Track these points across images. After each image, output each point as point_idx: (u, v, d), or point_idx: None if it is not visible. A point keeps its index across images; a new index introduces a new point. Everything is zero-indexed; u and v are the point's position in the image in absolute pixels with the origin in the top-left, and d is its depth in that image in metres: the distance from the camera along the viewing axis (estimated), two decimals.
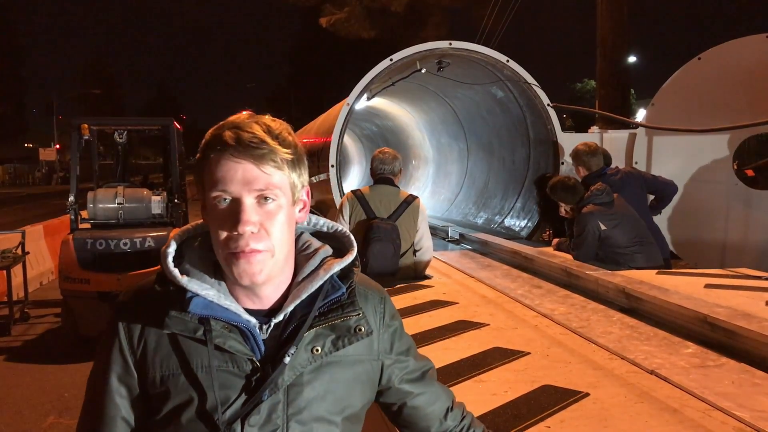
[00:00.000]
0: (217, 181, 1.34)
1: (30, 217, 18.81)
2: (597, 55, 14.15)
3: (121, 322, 1.42)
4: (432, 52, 8.03)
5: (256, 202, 1.34)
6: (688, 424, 2.35)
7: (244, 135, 1.33)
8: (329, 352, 1.43)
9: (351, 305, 1.46)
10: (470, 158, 11.44)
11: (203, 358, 1.36)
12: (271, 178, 1.35)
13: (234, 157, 1.33)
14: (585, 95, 42.06)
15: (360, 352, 1.50)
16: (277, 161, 1.35)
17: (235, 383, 1.36)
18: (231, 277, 1.37)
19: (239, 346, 1.36)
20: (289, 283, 1.46)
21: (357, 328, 1.46)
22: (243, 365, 1.37)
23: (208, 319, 1.36)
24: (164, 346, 1.39)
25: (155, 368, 1.38)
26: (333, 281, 1.46)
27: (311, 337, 1.41)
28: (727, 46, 7.43)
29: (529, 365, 3.03)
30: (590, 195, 5.59)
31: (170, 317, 1.36)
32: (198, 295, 1.35)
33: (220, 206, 1.35)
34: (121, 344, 1.41)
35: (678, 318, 3.63)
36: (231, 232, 1.33)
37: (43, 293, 10.60)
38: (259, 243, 1.34)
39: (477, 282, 5.17)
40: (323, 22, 31.91)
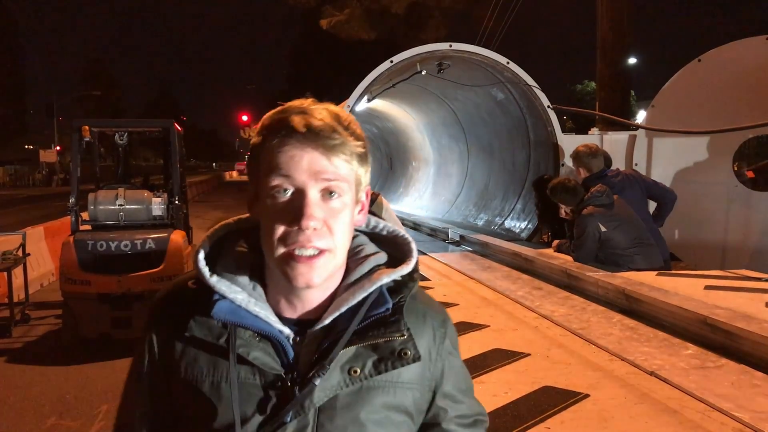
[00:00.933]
0: (278, 168, 1.19)
1: (31, 219, 18.82)
2: (597, 57, 14.14)
3: (153, 319, 1.32)
4: (432, 53, 8.05)
5: (320, 196, 1.20)
6: (688, 425, 2.36)
7: (315, 122, 1.19)
8: (370, 375, 1.24)
9: (394, 324, 1.26)
10: (471, 160, 11.45)
11: (227, 367, 1.22)
12: (339, 171, 1.20)
13: (301, 144, 1.18)
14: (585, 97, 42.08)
15: (409, 379, 1.29)
16: (347, 154, 1.21)
17: (258, 399, 1.21)
18: (284, 278, 1.21)
19: (265, 358, 1.21)
20: (336, 288, 1.29)
21: (402, 351, 1.26)
22: (269, 379, 1.22)
23: (234, 326, 1.22)
24: (190, 350, 1.26)
25: (180, 373, 1.26)
26: (382, 294, 1.26)
27: (350, 355, 1.24)
28: (727, 48, 7.45)
29: (530, 366, 3.04)
30: (590, 197, 5.60)
31: (195, 320, 1.24)
32: (225, 297, 1.22)
33: (279, 197, 1.20)
34: (152, 342, 1.31)
35: (678, 319, 3.64)
36: (291, 226, 1.18)
37: (44, 295, 10.59)
38: (320, 241, 1.19)
39: (477, 283, 5.17)
40: (323, 24, 31.96)
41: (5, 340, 8.14)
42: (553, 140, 8.15)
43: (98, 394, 6.25)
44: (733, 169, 7.75)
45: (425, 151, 13.84)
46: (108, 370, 6.98)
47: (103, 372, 6.91)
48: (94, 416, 5.77)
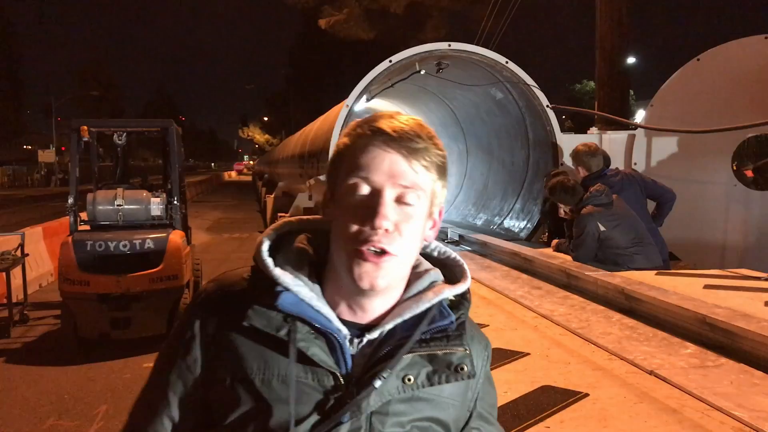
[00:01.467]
0: (359, 167, 1.21)
1: (29, 219, 18.82)
2: (596, 57, 14.15)
3: (198, 311, 1.28)
4: (431, 53, 8.05)
5: (396, 200, 1.21)
6: (687, 424, 2.36)
7: (401, 125, 1.23)
8: (422, 385, 1.25)
9: (458, 338, 1.29)
10: (469, 159, 11.46)
11: (281, 364, 1.20)
12: (418, 178, 1.22)
13: (385, 145, 1.21)
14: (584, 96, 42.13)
15: (452, 395, 1.31)
16: (428, 161, 1.24)
17: (312, 398, 1.20)
18: (348, 277, 1.21)
19: (324, 356, 1.20)
20: (396, 300, 1.29)
21: (459, 366, 1.27)
22: (324, 379, 1.21)
23: (294, 320, 1.21)
24: (240, 345, 1.23)
25: (225, 369, 1.23)
26: (442, 308, 1.29)
27: (406, 363, 1.24)
28: (726, 47, 7.45)
29: (529, 366, 3.04)
30: (589, 196, 5.60)
31: (254, 309, 1.21)
32: (289, 290, 1.21)
33: (355, 195, 1.21)
34: (194, 335, 1.26)
35: (677, 318, 3.64)
36: (363, 225, 1.19)
37: (43, 295, 10.60)
38: (390, 244, 1.19)
39: (476, 283, 5.17)
40: (322, 24, 31.96)
41: (4, 340, 8.14)
42: (552, 140, 8.15)
43: (97, 395, 6.26)
44: (733, 168, 7.76)
45: None
46: (107, 370, 6.98)
47: (101, 372, 6.91)
48: (93, 417, 5.77)
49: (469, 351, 1.30)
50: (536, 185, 8.71)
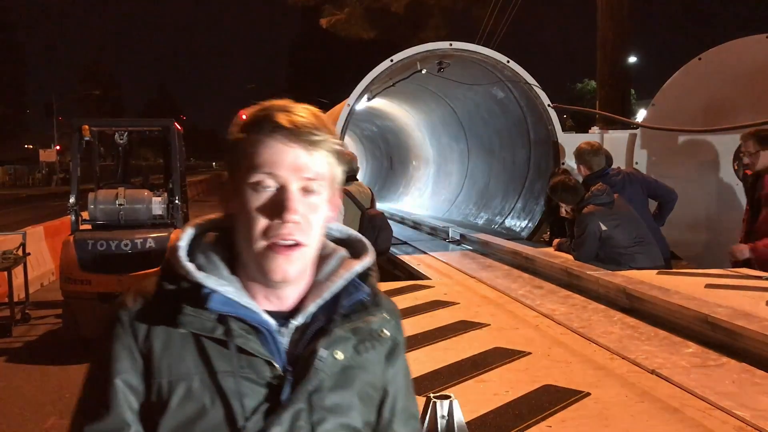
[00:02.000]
0: (261, 164, 1.23)
1: (30, 219, 18.82)
2: (597, 56, 14.16)
3: (125, 321, 1.27)
4: (432, 52, 8.05)
5: (301, 192, 1.25)
6: (689, 424, 2.36)
7: (298, 118, 1.24)
8: (351, 358, 1.32)
9: (375, 307, 1.37)
10: (471, 159, 11.45)
11: (220, 361, 1.23)
12: (320, 168, 1.27)
13: (286, 140, 1.23)
14: (585, 96, 42.04)
15: (379, 358, 1.39)
16: (327, 150, 1.27)
17: (255, 390, 1.24)
18: (260, 272, 1.26)
19: (260, 348, 1.24)
20: (309, 284, 1.35)
21: (380, 331, 1.37)
22: (262, 370, 1.24)
23: (226, 319, 1.23)
24: (174, 348, 1.24)
25: (162, 373, 1.23)
26: (356, 283, 1.36)
27: (333, 340, 1.30)
28: (728, 47, 7.44)
29: (530, 365, 3.04)
30: (591, 195, 5.60)
31: (185, 314, 1.22)
32: (216, 291, 1.23)
33: (261, 192, 1.24)
34: (129, 345, 1.26)
35: (679, 318, 3.64)
36: (273, 220, 1.23)
37: (44, 294, 10.60)
38: (300, 235, 1.24)
39: (478, 282, 5.17)
40: (323, 23, 31.91)
41: (5, 339, 8.14)
42: (553, 139, 8.15)
43: None
44: (734, 167, 7.74)
45: (425, 151, 13.84)
46: None
47: None
48: None
49: (387, 316, 1.39)
50: (537, 184, 8.71)
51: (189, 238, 1.33)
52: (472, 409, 2.40)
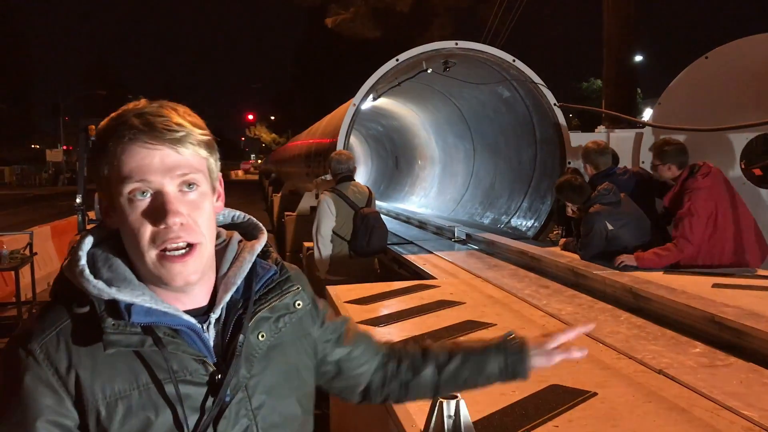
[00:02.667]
0: (130, 173, 1.18)
1: (37, 218, 18.88)
2: (603, 55, 14.13)
3: (38, 354, 1.17)
4: (438, 52, 8.04)
5: (179, 190, 1.21)
6: (697, 424, 2.35)
7: (156, 119, 1.19)
8: (274, 335, 1.35)
9: (287, 281, 1.40)
10: (476, 158, 11.44)
11: (155, 370, 1.20)
12: (192, 162, 1.23)
13: (149, 143, 1.18)
14: (591, 95, 41.96)
15: (298, 330, 1.42)
16: (195, 143, 1.23)
17: (195, 391, 1.23)
18: (159, 281, 1.23)
19: (190, 349, 1.23)
20: (214, 277, 1.34)
21: (295, 303, 1.40)
22: (197, 370, 1.24)
23: (150, 328, 1.20)
24: (103, 370, 1.18)
25: (96, 399, 1.17)
26: (260, 263, 1.37)
27: (254, 323, 1.32)
28: (735, 45, 7.40)
29: None
30: (597, 195, 5.58)
31: (108, 335, 1.16)
32: (134, 303, 1.19)
33: (137, 201, 1.19)
34: (48, 378, 1.17)
35: (686, 318, 3.63)
36: (157, 226, 1.19)
37: None
38: (189, 235, 1.21)
39: (484, 282, 5.17)
40: (329, 23, 31.97)
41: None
42: (559, 138, 8.13)
43: None
44: (741, 166, 7.71)
45: (431, 150, 13.83)
46: None
47: None
48: None
49: (299, 287, 1.42)
50: (543, 184, 8.69)
51: (86, 253, 1.27)
52: (478, 409, 2.40)
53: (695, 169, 5.21)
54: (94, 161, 1.26)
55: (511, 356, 1.65)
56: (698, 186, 5.06)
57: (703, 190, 5.04)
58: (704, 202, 5.01)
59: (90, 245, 1.29)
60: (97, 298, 1.20)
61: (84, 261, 1.24)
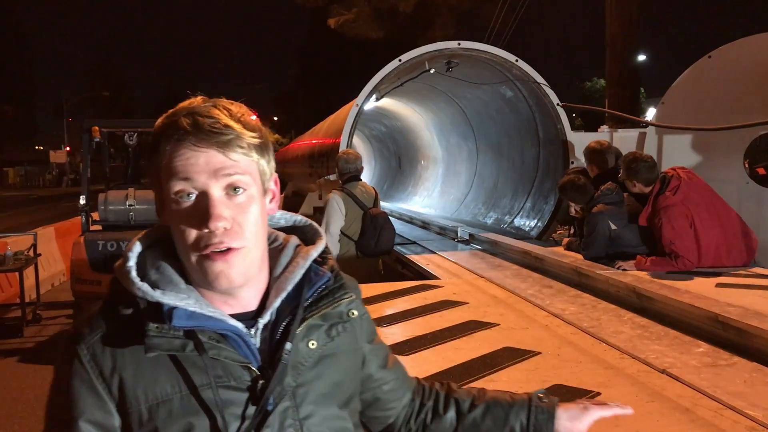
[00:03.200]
0: (176, 173, 1.17)
1: (41, 219, 18.93)
2: (606, 54, 14.12)
3: (83, 356, 1.20)
4: (441, 52, 8.05)
5: (225, 194, 1.19)
6: (700, 423, 2.35)
7: (205, 120, 1.17)
8: (325, 344, 1.32)
9: (341, 289, 1.35)
10: (479, 158, 11.44)
11: (197, 375, 1.19)
12: (240, 165, 1.19)
13: (195, 146, 1.17)
14: (594, 94, 41.92)
15: (350, 340, 1.39)
16: (244, 146, 1.20)
17: (238, 397, 1.21)
18: (204, 282, 1.21)
19: (234, 355, 1.21)
20: (267, 280, 1.31)
21: (349, 312, 1.36)
22: (241, 376, 1.22)
23: (194, 332, 1.19)
24: (146, 372, 1.19)
25: (139, 401, 1.18)
26: (314, 269, 1.32)
27: (304, 330, 1.28)
28: (738, 44, 7.40)
29: (540, 365, 3.03)
30: (600, 194, 5.58)
31: (150, 338, 1.16)
32: (177, 306, 1.18)
33: (183, 203, 1.19)
34: (91, 380, 1.19)
35: (689, 317, 3.63)
36: (200, 230, 1.17)
37: (55, 295, 10.65)
38: (233, 240, 1.18)
39: (487, 282, 5.17)
40: (331, 23, 31.97)
41: (17, 339, 8.19)
42: (562, 138, 8.13)
43: None
44: (744, 166, 7.71)
45: (434, 150, 13.83)
46: None
47: None
48: None
49: (353, 296, 1.37)
50: (546, 184, 8.69)
51: (136, 255, 1.26)
52: None
53: (666, 182, 5.15)
54: (148, 159, 1.25)
55: (538, 414, 1.53)
56: (669, 203, 5.01)
57: (675, 207, 5.00)
58: (681, 219, 4.98)
59: (141, 247, 1.28)
60: (141, 300, 1.19)
61: (132, 262, 1.24)
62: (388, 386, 1.53)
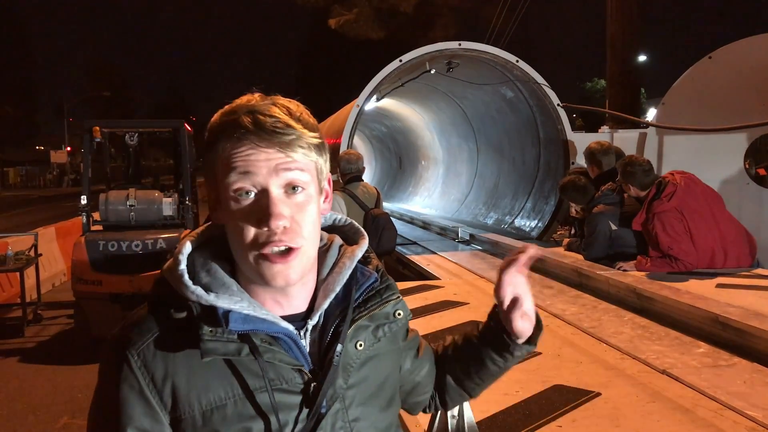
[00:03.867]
0: (237, 168, 1.16)
1: (42, 220, 18.94)
2: (607, 55, 14.10)
3: (133, 361, 1.17)
4: (441, 52, 8.05)
5: (284, 192, 1.18)
6: (700, 424, 2.35)
7: (266, 119, 1.16)
8: (371, 345, 1.31)
9: (388, 289, 1.34)
10: (480, 158, 11.44)
11: (250, 379, 1.18)
12: (300, 164, 1.19)
13: (257, 143, 1.16)
14: (595, 95, 41.91)
15: (393, 340, 1.38)
16: (304, 146, 1.19)
17: (291, 400, 1.20)
18: (261, 280, 1.19)
19: (287, 357, 1.20)
20: (315, 281, 1.30)
21: (396, 312, 1.35)
22: (293, 379, 1.21)
23: (248, 335, 1.17)
24: (199, 378, 1.17)
25: (193, 406, 1.17)
26: (360, 269, 1.32)
27: (353, 332, 1.28)
28: (738, 45, 7.40)
29: (541, 365, 3.03)
30: (601, 195, 5.59)
31: (205, 342, 1.14)
32: (232, 310, 1.17)
33: (242, 201, 1.17)
34: (141, 387, 1.17)
35: (689, 318, 3.63)
36: (260, 228, 1.16)
37: (56, 295, 10.66)
38: (292, 240, 1.17)
39: (488, 282, 5.17)
40: (332, 23, 31.97)
41: (18, 339, 8.20)
42: (563, 138, 8.13)
43: None
44: (745, 166, 7.70)
45: (434, 150, 13.83)
46: None
47: None
48: None
49: (399, 297, 1.36)
50: (547, 184, 8.69)
51: (186, 257, 1.25)
52: (482, 409, 2.40)
53: (661, 187, 5.13)
54: (205, 156, 1.23)
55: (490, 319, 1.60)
56: (664, 209, 5.00)
57: (669, 212, 4.99)
58: (676, 223, 4.97)
59: (190, 249, 1.27)
60: (195, 304, 1.18)
61: (184, 266, 1.22)
62: (424, 371, 1.56)
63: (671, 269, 4.87)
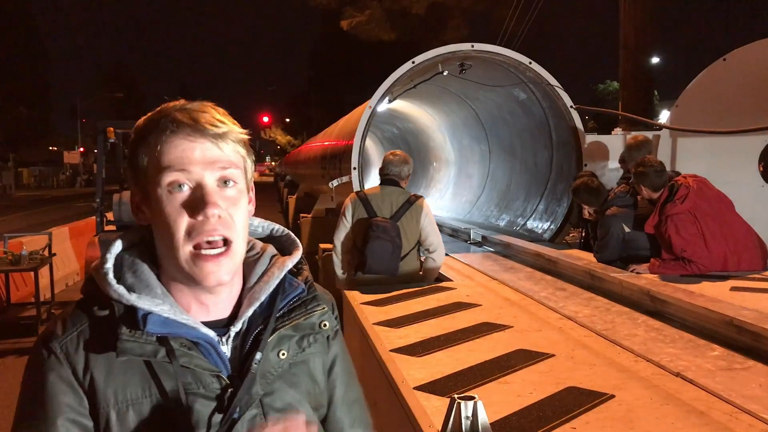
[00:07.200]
0: (170, 164, 1.19)
1: (56, 220, 19.06)
2: (620, 56, 14.07)
3: (59, 352, 1.19)
4: (454, 54, 8.04)
5: (217, 185, 1.21)
6: (715, 427, 2.34)
7: (199, 114, 1.21)
8: (295, 354, 1.32)
9: (313, 300, 1.36)
10: (492, 160, 11.43)
11: (167, 381, 1.19)
12: (232, 159, 1.23)
13: (190, 137, 1.19)
14: (607, 97, 41.74)
15: (318, 352, 1.39)
16: (235, 140, 1.24)
17: (206, 405, 1.21)
18: (189, 281, 1.22)
19: (204, 363, 1.21)
20: (240, 288, 1.32)
21: (321, 324, 1.36)
22: (211, 384, 1.22)
23: (166, 338, 1.19)
24: (117, 375, 1.19)
25: (109, 403, 1.18)
26: (289, 279, 1.34)
27: (275, 340, 1.29)
28: (753, 47, 7.35)
29: (554, 367, 3.03)
30: (614, 197, 5.57)
31: (122, 341, 1.16)
32: (152, 312, 1.18)
33: (176, 194, 1.19)
34: (69, 378, 1.18)
35: (704, 320, 3.62)
36: (194, 217, 1.18)
37: (69, 294, 10.72)
38: (226, 230, 1.20)
39: (500, 284, 5.17)
40: (344, 25, 32.02)
41: (32, 338, 8.25)
42: (576, 140, 8.10)
43: None
44: (759, 169, 7.65)
45: (446, 152, 13.83)
46: None
47: None
48: None
49: (326, 308, 1.38)
50: (560, 186, 8.67)
51: (114, 257, 1.28)
52: (496, 411, 2.40)
53: (674, 190, 5.09)
54: (131, 154, 1.26)
55: None
56: (677, 211, 4.96)
57: (683, 215, 4.96)
58: (689, 225, 4.94)
59: (119, 248, 1.30)
60: (117, 303, 1.20)
61: (110, 264, 1.25)
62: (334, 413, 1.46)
63: (684, 272, 4.85)
